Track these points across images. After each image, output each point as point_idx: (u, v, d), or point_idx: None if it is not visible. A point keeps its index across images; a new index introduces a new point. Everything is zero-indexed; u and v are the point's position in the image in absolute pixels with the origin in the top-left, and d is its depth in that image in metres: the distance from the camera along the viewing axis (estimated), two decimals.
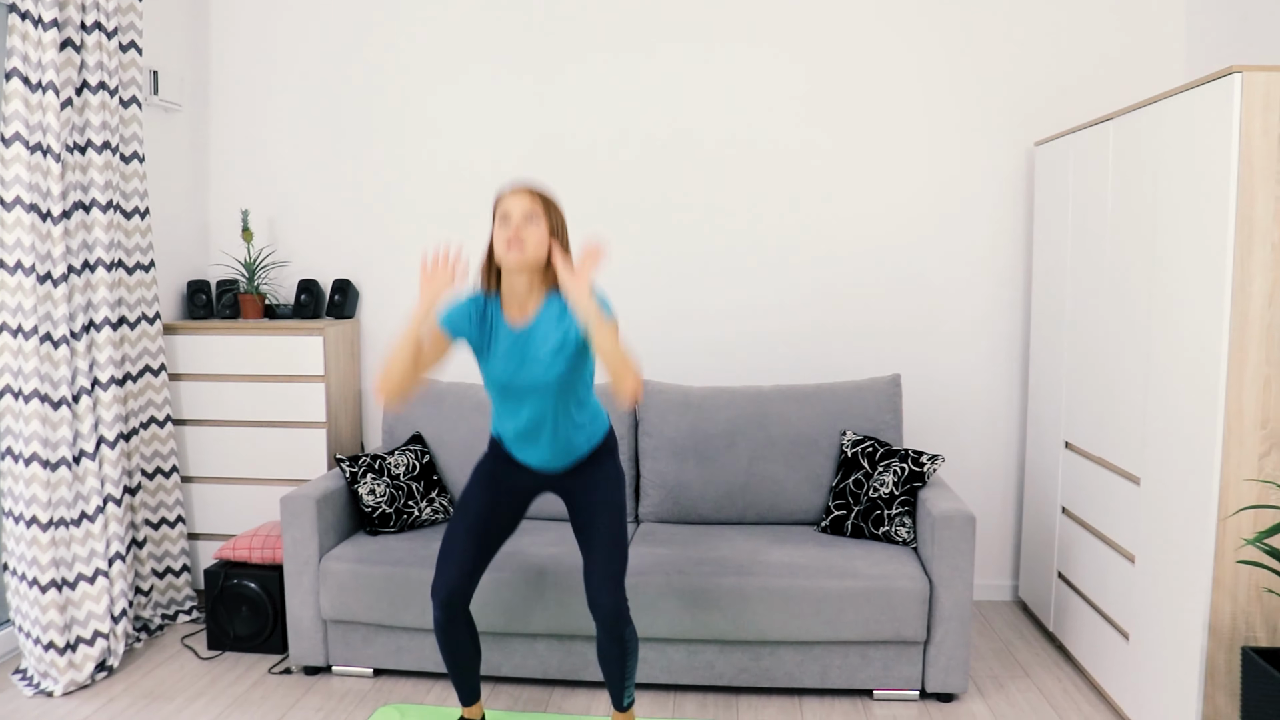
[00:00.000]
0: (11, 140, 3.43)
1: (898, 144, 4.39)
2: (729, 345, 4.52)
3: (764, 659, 3.50)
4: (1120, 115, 3.34)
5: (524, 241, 2.71)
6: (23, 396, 3.51)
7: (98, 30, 3.72)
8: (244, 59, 4.62)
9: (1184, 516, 2.87)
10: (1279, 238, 2.62)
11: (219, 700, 3.54)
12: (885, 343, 4.47)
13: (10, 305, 3.48)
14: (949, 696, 3.52)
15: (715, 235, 4.48)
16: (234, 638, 3.94)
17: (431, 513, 3.98)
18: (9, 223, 3.45)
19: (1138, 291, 3.20)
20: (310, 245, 4.67)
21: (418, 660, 3.64)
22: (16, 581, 3.59)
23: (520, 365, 2.81)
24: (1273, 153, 2.60)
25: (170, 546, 4.23)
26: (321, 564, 3.62)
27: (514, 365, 2.81)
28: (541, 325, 2.80)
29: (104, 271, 3.79)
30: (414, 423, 4.18)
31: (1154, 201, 3.08)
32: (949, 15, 4.32)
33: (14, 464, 3.54)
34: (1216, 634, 2.75)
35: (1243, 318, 2.65)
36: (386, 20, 4.53)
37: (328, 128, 4.61)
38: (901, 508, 3.72)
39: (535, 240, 2.73)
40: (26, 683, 3.60)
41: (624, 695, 3.03)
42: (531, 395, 2.83)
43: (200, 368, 4.32)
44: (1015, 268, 4.40)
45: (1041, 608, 4.11)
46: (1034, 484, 4.22)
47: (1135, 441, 3.21)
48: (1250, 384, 2.67)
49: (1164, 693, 2.98)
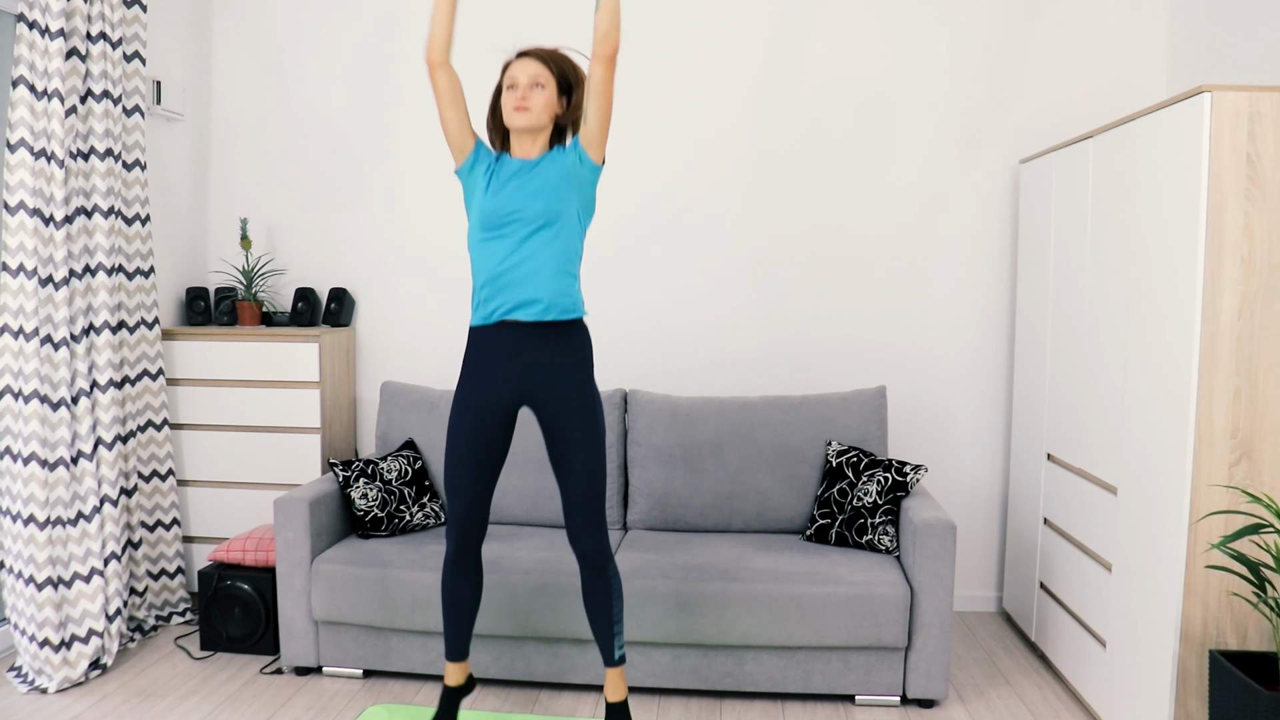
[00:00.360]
0: (17, 146, 3.51)
1: (885, 161, 4.47)
2: (717, 357, 4.59)
3: (748, 664, 3.56)
4: (1099, 133, 3.42)
5: (529, 108, 2.91)
6: (23, 397, 3.58)
7: (103, 40, 3.81)
8: (245, 72, 4.71)
9: (1158, 525, 2.94)
10: (1248, 252, 2.70)
11: (210, 699, 3.59)
12: (872, 355, 4.54)
13: (12, 307, 3.55)
14: (930, 703, 3.58)
15: (705, 250, 4.56)
16: (227, 638, 4.00)
17: (423, 517, 4.04)
18: (12, 226, 3.53)
19: (1115, 306, 3.27)
20: (308, 254, 4.75)
21: (406, 662, 3.69)
22: (13, 579, 3.64)
23: (522, 187, 2.93)
24: (1241, 170, 2.68)
25: (165, 549, 4.29)
26: (313, 566, 3.68)
27: (516, 187, 2.94)
28: (545, 160, 2.98)
29: (104, 276, 3.86)
30: (407, 429, 4.25)
31: (1130, 217, 3.16)
32: (938, 33, 4.41)
33: (12, 463, 3.60)
34: (1188, 639, 2.81)
35: (1213, 330, 2.73)
36: (385, 34, 4.62)
37: (327, 140, 4.69)
38: (885, 517, 3.78)
39: (540, 104, 2.93)
40: (21, 680, 3.65)
41: (614, 645, 3.05)
42: (525, 224, 2.91)
43: (197, 373, 4.38)
44: (1001, 283, 4.48)
45: (1024, 618, 4.16)
46: (1017, 495, 4.29)
47: (1113, 452, 3.28)
48: (1220, 394, 2.74)
49: (1138, 698, 3.04)
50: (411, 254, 4.70)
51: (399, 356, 4.75)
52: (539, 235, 2.91)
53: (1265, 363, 2.72)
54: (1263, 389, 2.73)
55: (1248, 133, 2.67)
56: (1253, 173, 2.68)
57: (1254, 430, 2.74)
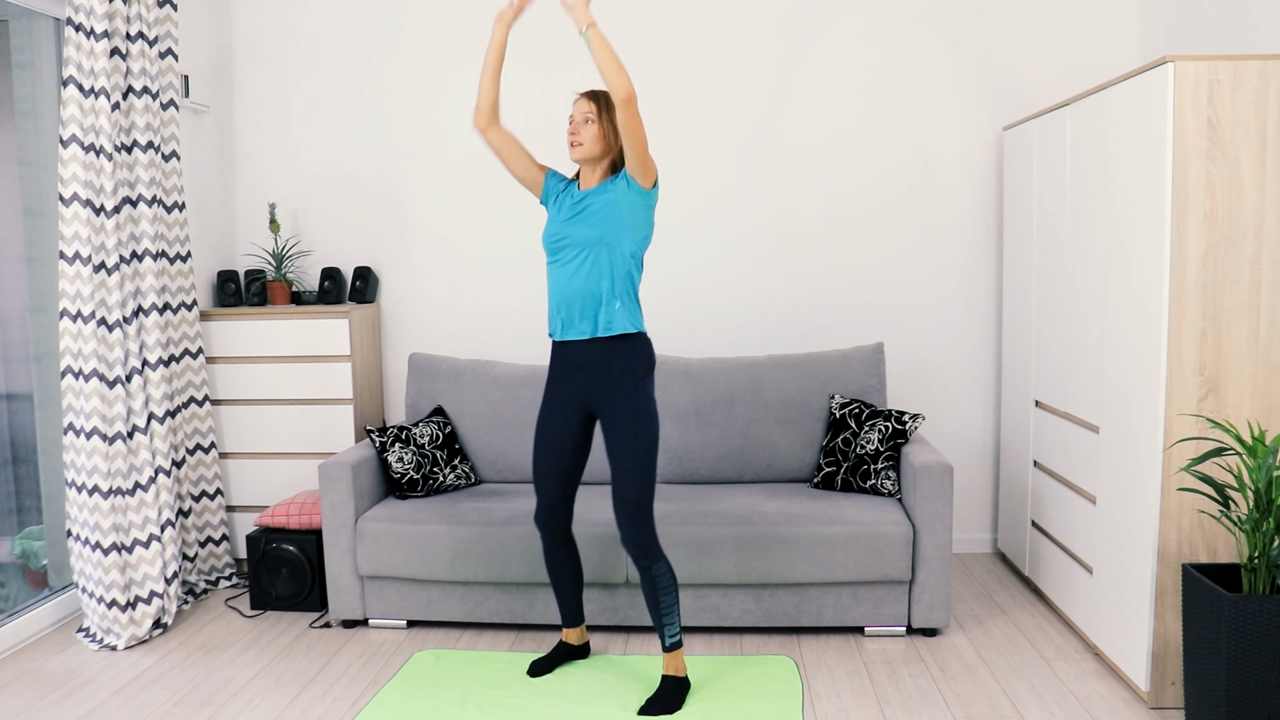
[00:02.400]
0: (69, 142, 3.76)
1: (875, 130, 4.75)
2: (723, 321, 4.87)
3: (765, 601, 3.86)
4: (1074, 101, 3.70)
5: (581, 142, 3.25)
6: (83, 376, 3.85)
7: (140, 39, 4.05)
8: (265, 62, 4.95)
9: (1135, 457, 3.24)
10: (1210, 207, 2.99)
11: (267, 651, 3.88)
12: (869, 314, 4.83)
13: (70, 292, 3.81)
14: (933, 631, 3.89)
15: (714, 224, 4.84)
16: (275, 597, 4.28)
17: (455, 478, 4.32)
18: (68, 217, 3.79)
19: (1093, 260, 3.56)
20: (332, 235, 5.01)
21: (448, 611, 3.98)
22: (80, 546, 3.92)
23: (574, 215, 3.27)
24: (1202, 132, 2.96)
25: (210, 517, 4.57)
26: (358, 525, 3.97)
27: (570, 216, 3.29)
28: (598, 189, 3.28)
29: (150, 261, 4.12)
30: (435, 397, 4.52)
31: (1104, 178, 3.44)
32: (926, 9, 4.68)
33: (76, 438, 3.87)
34: (1165, 558, 3.12)
35: (1181, 278, 3.02)
36: (399, 21, 4.87)
37: (346, 125, 4.94)
38: (886, 462, 4.08)
39: (590, 138, 3.25)
40: (90, 639, 3.94)
41: (664, 634, 3.35)
42: (577, 248, 3.24)
43: (233, 350, 4.65)
44: (988, 243, 4.77)
45: (1018, 556, 4.47)
46: (1009, 441, 4.59)
47: (1094, 394, 3.58)
48: (1189, 336, 3.03)
49: (1122, 616, 3.35)
50: (430, 233, 4.96)
51: (420, 329, 5.02)
52: (588, 260, 3.22)
53: (1228, 307, 3.02)
54: (1226, 330, 3.02)
55: (1208, 98, 2.95)
56: (1213, 135, 2.96)
57: (1219, 367, 3.04)
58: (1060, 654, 3.70)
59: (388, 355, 5.06)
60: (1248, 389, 3.05)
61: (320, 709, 3.38)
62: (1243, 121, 2.96)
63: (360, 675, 3.65)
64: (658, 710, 3.29)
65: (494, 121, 3.36)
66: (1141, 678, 3.22)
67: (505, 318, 4.98)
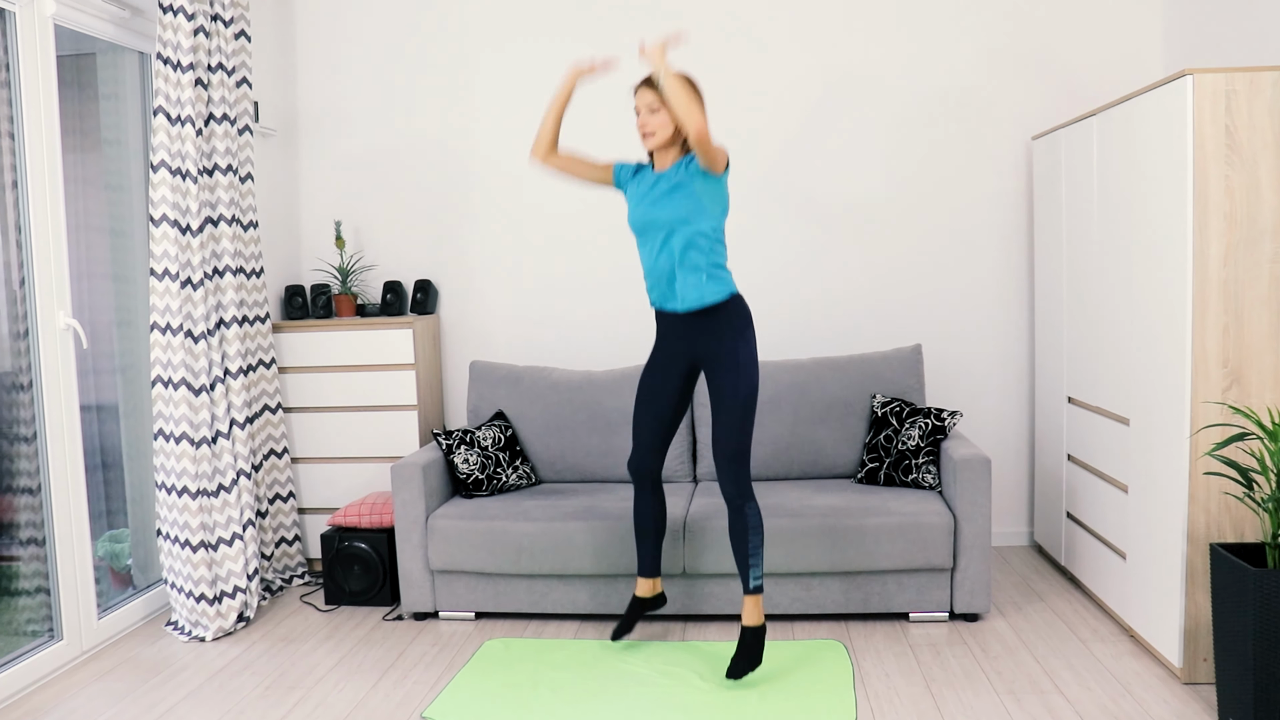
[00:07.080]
0: (159, 166, 4.05)
1: (911, 143, 4.97)
2: (768, 323, 5.10)
3: (814, 589, 4.08)
4: (1101, 111, 3.91)
5: (653, 131, 3.49)
6: (172, 384, 4.12)
7: (220, 70, 4.34)
8: (326, 88, 5.23)
9: (1164, 445, 3.44)
10: (1230, 209, 3.19)
11: (345, 642, 4.13)
12: (908, 317, 5.06)
13: (160, 306, 4.10)
14: (974, 616, 4.09)
15: (761, 235, 5.07)
16: (349, 593, 4.54)
17: (517, 479, 4.57)
18: (158, 236, 4.07)
19: (1121, 261, 3.77)
20: (392, 250, 5.28)
21: (515, 603, 4.23)
22: (169, 544, 4.19)
23: (653, 199, 3.51)
24: (1221, 139, 3.17)
25: (284, 519, 4.84)
26: (429, 522, 4.22)
27: (649, 200, 3.53)
28: (672, 171, 3.52)
29: (230, 277, 4.40)
30: (495, 402, 4.78)
31: (1130, 184, 3.65)
32: (956, 21, 4.90)
33: (165, 442, 4.15)
34: (1194, 540, 3.31)
35: (1203, 276, 3.23)
36: (450, 48, 5.14)
37: (404, 145, 5.22)
38: (927, 458, 4.29)
39: (659, 124, 3.47)
40: (179, 631, 4.21)
41: (749, 575, 3.57)
42: (659, 230, 3.50)
43: (303, 361, 4.92)
44: (1020, 248, 4.98)
45: (1054, 547, 4.67)
46: (1043, 436, 4.79)
47: (1124, 388, 3.78)
48: (1212, 330, 3.24)
49: (1155, 598, 3.55)
50: (488, 246, 5.23)
51: (477, 339, 5.28)
52: (673, 239, 3.48)
53: (1248, 302, 3.22)
54: (1247, 324, 3.23)
55: (1225, 107, 3.17)
56: (1231, 142, 3.18)
57: (1241, 359, 3.24)
58: (1097, 635, 3.90)
59: (449, 364, 5.32)
60: (1269, 379, 3.25)
61: (402, 691, 3.63)
62: (1259, 128, 3.17)
63: (435, 662, 3.89)
64: (744, 668, 3.53)
65: (552, 151, 3.63)
66: (1174, 655, 3.42)
67: (559, 327, 5.24)
